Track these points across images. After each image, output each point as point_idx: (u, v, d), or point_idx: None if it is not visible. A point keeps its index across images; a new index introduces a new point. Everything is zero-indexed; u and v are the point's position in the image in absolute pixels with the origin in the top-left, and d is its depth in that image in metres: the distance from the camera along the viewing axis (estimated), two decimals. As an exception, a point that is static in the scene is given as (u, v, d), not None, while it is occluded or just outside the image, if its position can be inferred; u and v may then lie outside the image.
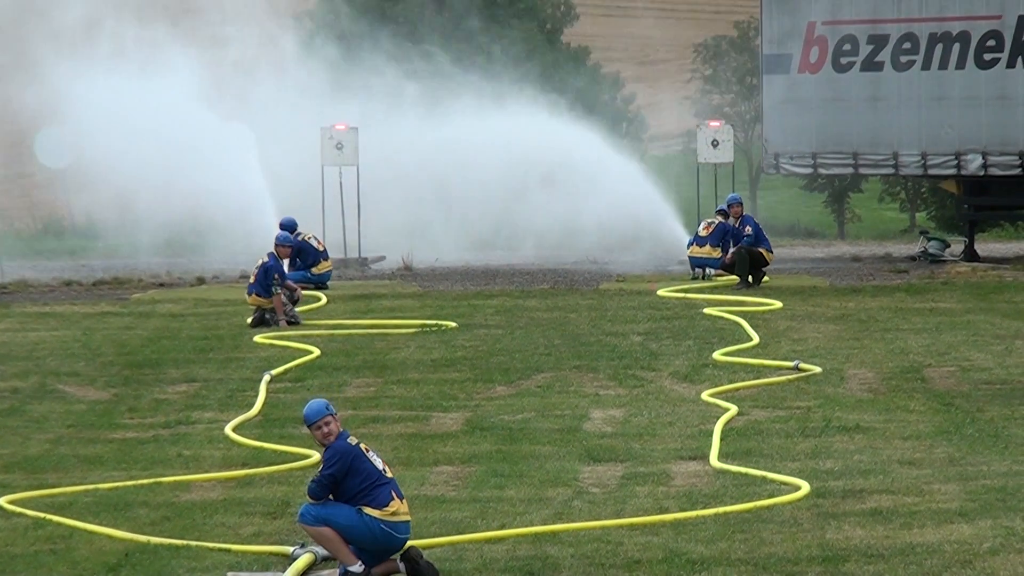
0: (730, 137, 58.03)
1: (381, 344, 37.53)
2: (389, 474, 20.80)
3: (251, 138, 55.02)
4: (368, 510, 20.39)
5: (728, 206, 44.02)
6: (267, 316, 40.55)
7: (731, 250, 43.96)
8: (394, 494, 20.62)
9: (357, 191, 54.61)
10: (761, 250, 43.12)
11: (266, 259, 41.25)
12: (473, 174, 62.96)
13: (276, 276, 40.81)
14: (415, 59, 68.88)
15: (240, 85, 62.61)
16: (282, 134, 57.21)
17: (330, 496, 20.46)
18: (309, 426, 21.07)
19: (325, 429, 20.74)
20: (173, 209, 60.24)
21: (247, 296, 40.99)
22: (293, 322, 40.04)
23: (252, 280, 41.24)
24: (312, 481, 20.71)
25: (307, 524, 20.53)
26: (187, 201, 61.18)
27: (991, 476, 24.64)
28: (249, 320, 40.27)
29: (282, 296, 40.69)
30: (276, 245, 41.92)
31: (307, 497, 20.78)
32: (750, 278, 43.06)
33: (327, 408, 21.00)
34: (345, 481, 20.44)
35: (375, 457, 20.82)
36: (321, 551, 21.25)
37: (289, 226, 42.64)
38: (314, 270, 47.20)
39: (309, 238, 47.54)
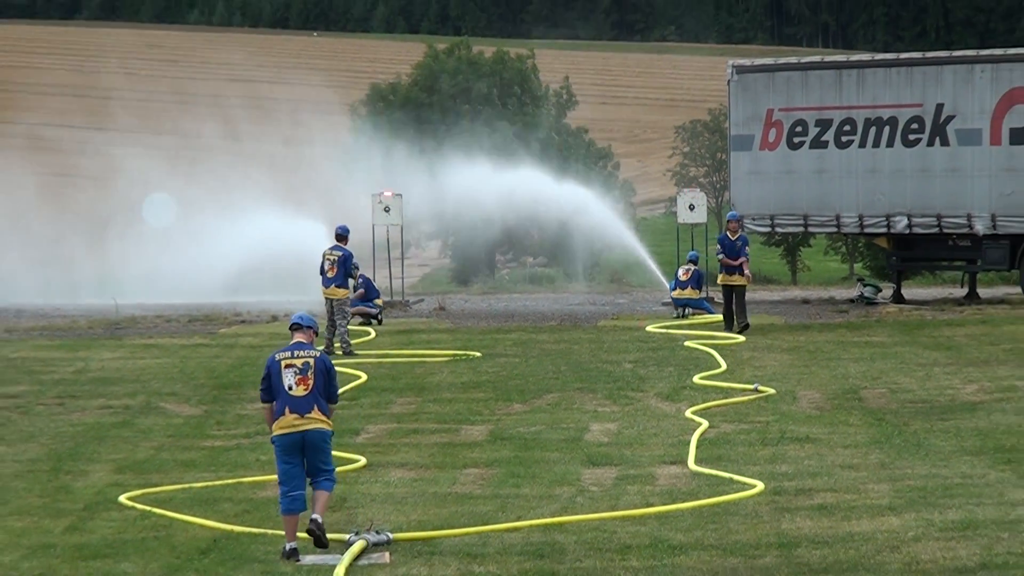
0: (704, 202, 58.07)
1: (420, 370, 37.57)
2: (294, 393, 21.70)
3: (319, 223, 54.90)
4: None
5: (731, 224, 43.60)
6: (335, 319, 40.63)
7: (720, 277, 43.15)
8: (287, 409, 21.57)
9: (401, 245, 54.70)
10: (743, 278, 42.51)
11: (340, 253, 41.29)
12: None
13: (354, 264, 40.96)
14: (444, 140, 68.85)
15: (309, 163, 62.66)
16: (342, 199, 57.21)
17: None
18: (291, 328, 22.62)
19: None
20: (254, 260, 60.47)
21: (324, 289, 41.09)
22: (348, 353, 40.01)
23: (331, 274, 41.13)
24: None
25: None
26: (266, 253, 61.43)
27: (915, 478, 24.70)
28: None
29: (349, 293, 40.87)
30: (339, 236, 41.86)
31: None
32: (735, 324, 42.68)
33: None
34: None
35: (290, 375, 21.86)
36: (372, 537, 21.36)
37: (343, 233, 42.36)
38: (377, 301, 47.58)
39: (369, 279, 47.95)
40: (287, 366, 21.71)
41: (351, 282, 41.83)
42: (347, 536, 21.56)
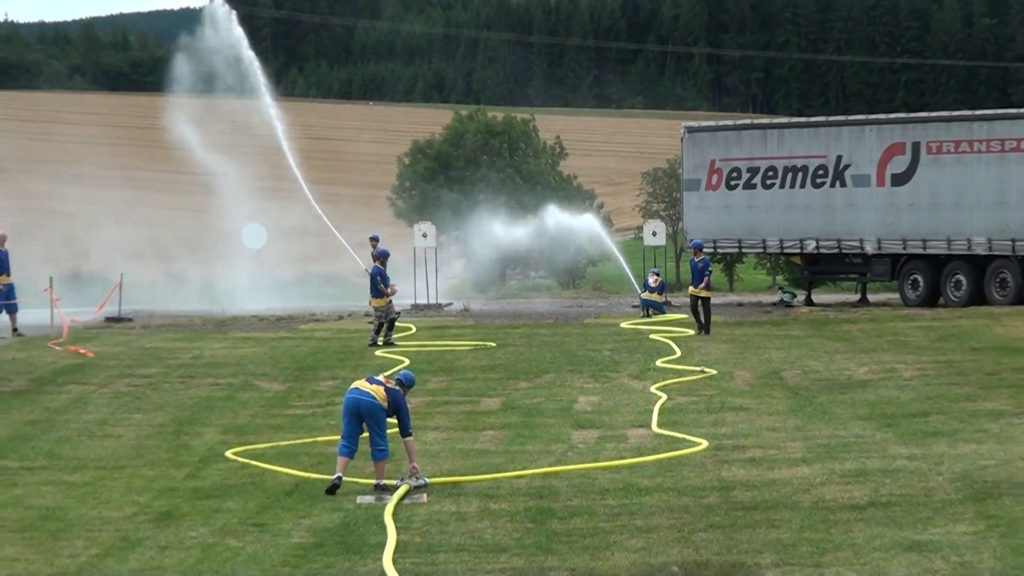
0: (663, 230, 58.19)
1: (449, 356, 37.52)
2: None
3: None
4: None
5: (695, 250, 43.20)
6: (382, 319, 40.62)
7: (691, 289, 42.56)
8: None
9: (436, 261, 54.66)
10: (706, 293, 42.16)
11: (371, 271, 41.57)
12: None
13: (379, 280, 40.82)
14: (468, 185, 68.90)
15: (369, 199, 62.62)
16: (392, 228, 57.19)
17: None
18: (407, 385, 22.19)
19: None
20: (326, 274, 60.61)
21: (371, 300, 41.02)
22: (389, 344, 39.92)
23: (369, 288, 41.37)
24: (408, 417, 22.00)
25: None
26: (332, 269, 61.53)
27: (821, 437, 24.68)
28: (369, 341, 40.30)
29: (389, 293, 40.68)
30: (377, 258, 41.93)
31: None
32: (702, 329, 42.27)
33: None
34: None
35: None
36: (414, 481, 21.40)
37: (383, 254, 42.23)
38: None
39: None
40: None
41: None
42: (395, 481, 21.63)
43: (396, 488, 21.19)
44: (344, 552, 18.15)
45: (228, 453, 24.82)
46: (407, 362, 35.68)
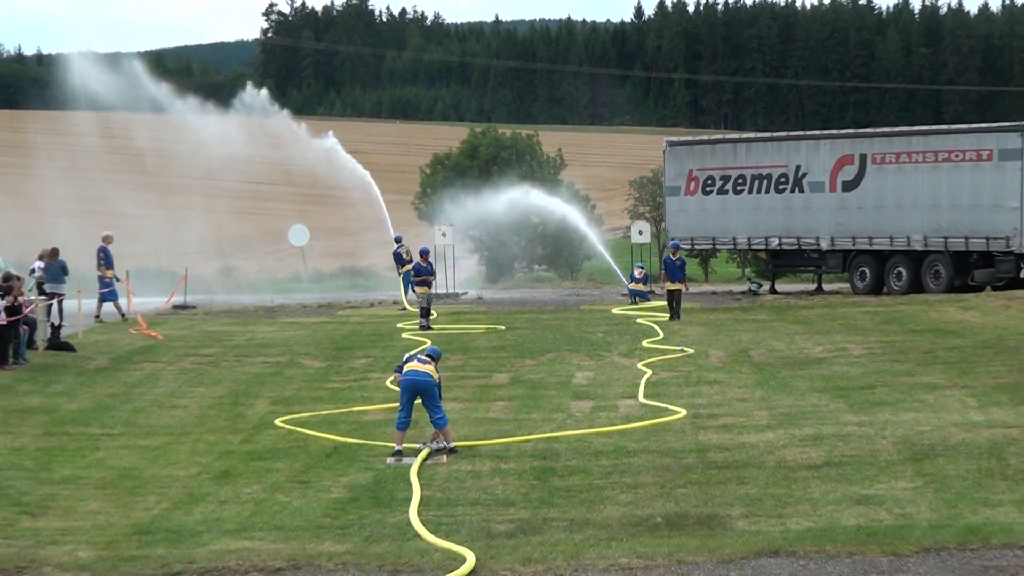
0: (648, 230, 58.19)
1: (465, 338, 37.53)
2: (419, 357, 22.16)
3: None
4: None
5: (672, 249, 43.15)
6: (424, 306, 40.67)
7: (667, 283, 42.45)
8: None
9: (453, 256, 54.66)
10: (683, 285, 42.03)
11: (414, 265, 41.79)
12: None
13: (413, 273, 41.08)
14: (482, 186, 68.84)
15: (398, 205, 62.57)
16: (415, 229, 57.17)
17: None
18: (436, 358, 22.27)
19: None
20: (359, 268, 60.62)
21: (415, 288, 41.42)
22: (426, 329, 39.87)
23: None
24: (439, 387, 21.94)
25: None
26: (364, 264, 61.52)
27: (783, 407, 24.66)
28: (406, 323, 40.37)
29: (426, 289, 40.67)
30: (420, 254, 41.98)
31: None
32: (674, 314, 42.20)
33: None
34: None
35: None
36: (435, 444, 21.44)
37: (425, 251, 42.25)
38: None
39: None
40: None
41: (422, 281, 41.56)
42: (418, 445, 21.67)
43: (419, 451, 21.28)
44: (376, 506, 18.17)
45: (277, 421, 24.84)
46: (428, 343, 35.72)
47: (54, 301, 37.66)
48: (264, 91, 64.75)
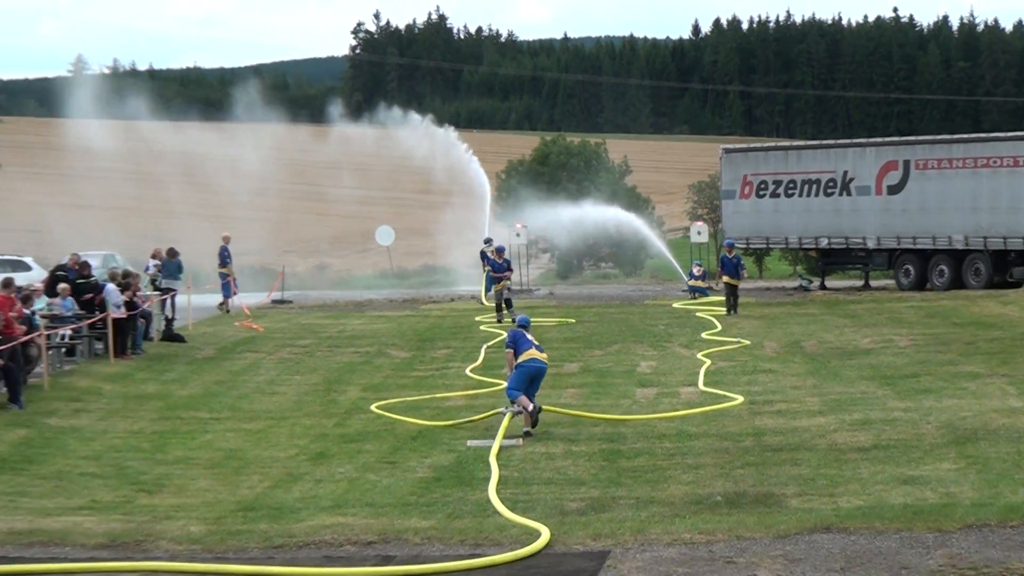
0: (706, 231, 58.03)
1: (539, 330, 37.38)
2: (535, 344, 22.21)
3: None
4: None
5: (728, 248, 42.85)
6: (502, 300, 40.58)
7: (724, 278, 42.08)
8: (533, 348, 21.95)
9: (526, 254, 54.63)
10: (737, 281, 41.73)
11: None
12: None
13: (492, 269, 41.19)
14: (552, 190, 68.81)
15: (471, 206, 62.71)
16: (496, 230, 57.16)
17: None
18: (523, 326, 22.58)
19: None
20: (440, 266, 60.82)
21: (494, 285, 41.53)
22: (501, 322, 39.77)
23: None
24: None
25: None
26: (445, 261, 61.70)
27: (833, 394, 24.53)
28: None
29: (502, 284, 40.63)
30: (496, 252, 42.04)
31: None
32: (732, 309, 41.78)
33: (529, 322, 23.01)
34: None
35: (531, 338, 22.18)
36: (515, 408, 21.73)
37: (500, 249, 42.35)
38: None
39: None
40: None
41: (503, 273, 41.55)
42: (500, 410, 22.23)
43: (503, 414, 21.77)
44: (458, 484, 18.21)
45: (373, 407, 24.84)
46: (504, 335, 35.70)
47: (168, 296, 38.03)
48: (402, 110, 65.55)
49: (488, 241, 46.78)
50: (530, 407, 21.48)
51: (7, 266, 39.45)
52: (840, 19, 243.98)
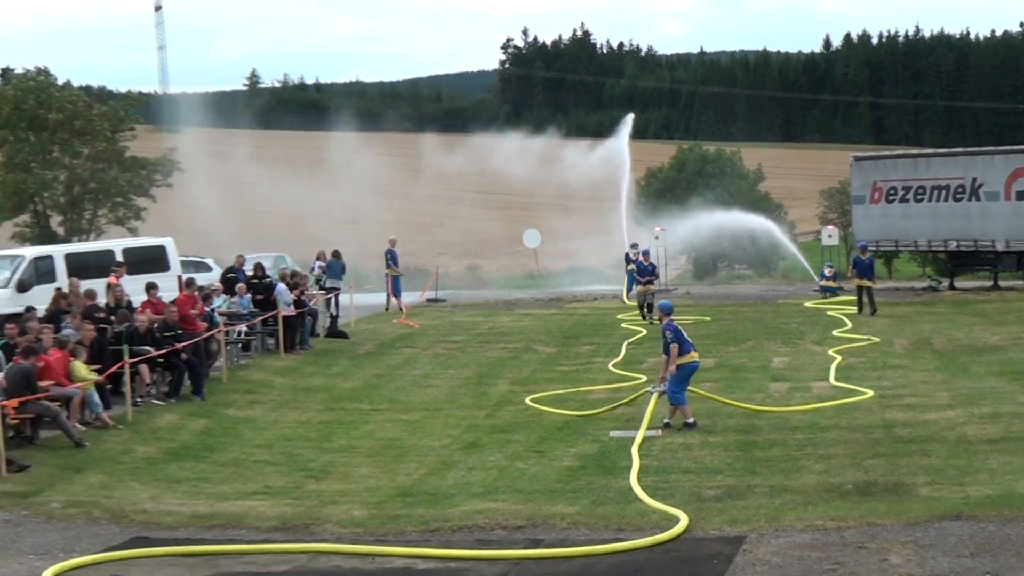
0: (837, 233, 57.28)
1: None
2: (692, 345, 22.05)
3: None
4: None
5: (861, 250, 42.19)
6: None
7: (856, 280, 41.29)
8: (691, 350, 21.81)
9: (665, 256, 54.33)
10: (870, 282, 41.04)
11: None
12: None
13: (636, 271, 41.12)
14: (689, 196, 68.32)
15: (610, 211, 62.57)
16: (635, 232, 56.91)
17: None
18: (667, 312, 22.31)
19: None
20: (584, 266, 60.89)
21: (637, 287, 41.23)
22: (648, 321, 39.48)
23: None
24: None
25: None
26: (588, 262, 61.73)
27: (963, 389, 24.04)
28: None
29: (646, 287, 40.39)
30: (642, 255, 41.92)
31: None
32: (867, 309, 40.85)
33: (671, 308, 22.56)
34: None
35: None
36: (660, 388, 21.75)
37: (645, 252, 42.18)
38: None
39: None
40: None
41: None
42: (648, 389, 22.38)
43: (651, 393, 21.77)
44: (601, 472, 18.21)
45: (527, 400, 24.84)
46: (645, 332, 35.62)
47: (332, 295, 38.56)
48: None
49: (634, 246, 46.53)
50: (691, 419, 21.35)
51: (190, 267, 40.33)
52: (968, 33, 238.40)
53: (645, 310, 39.68)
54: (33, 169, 49.97)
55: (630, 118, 66.43)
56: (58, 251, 34.45)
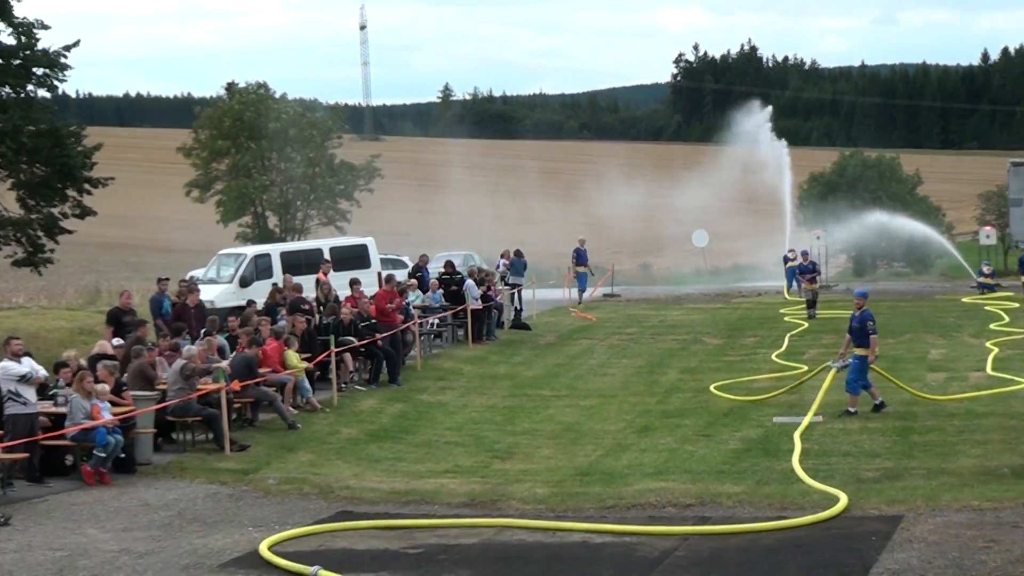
0: (994, 234, 55.60)
1: (836, 321, 35.96)
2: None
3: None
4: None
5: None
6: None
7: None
8: None
9: (826, 255, 53.18)
10: None
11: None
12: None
13: (798, 271, 40.25)
14: (849, 199, 66.81)
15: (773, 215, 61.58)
16: (797, 233, 55.85)
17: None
18: (861, 296, 22.20)
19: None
20: (749, 264, 60.21)
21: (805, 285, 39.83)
22: (812, 318, 38.59)
23: None
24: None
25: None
26: (753, 260, 60.92)
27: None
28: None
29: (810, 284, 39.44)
30: (802, 255, 41.17)
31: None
32: None
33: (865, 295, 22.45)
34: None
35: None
36: (839, 363, 21.50)
37: (805, 252, 41.36)
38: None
39: None
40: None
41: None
42: (828, 363, 22.35)
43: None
44: (765, 455, 18.02)
45: (712, 387, 24.49)
46: (806, 325, 35.04)
47: (515, 291, 38.82)
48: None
49: (791, 251, 45.71)
50: (854, 409, 20.82)
51: (388, 264, 41.09)
52: None
53: (813, 307, 38.88)
54: (253, 174, 51.41)
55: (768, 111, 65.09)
56: (275, 249, 35.41)
